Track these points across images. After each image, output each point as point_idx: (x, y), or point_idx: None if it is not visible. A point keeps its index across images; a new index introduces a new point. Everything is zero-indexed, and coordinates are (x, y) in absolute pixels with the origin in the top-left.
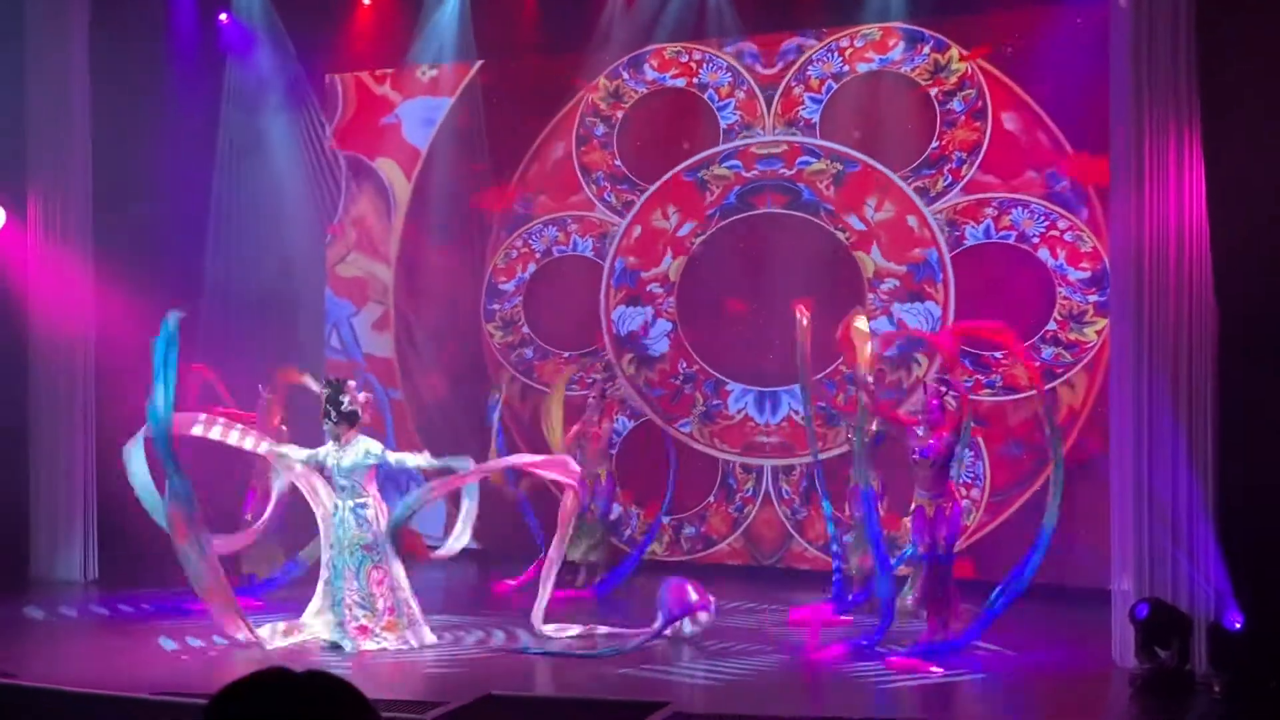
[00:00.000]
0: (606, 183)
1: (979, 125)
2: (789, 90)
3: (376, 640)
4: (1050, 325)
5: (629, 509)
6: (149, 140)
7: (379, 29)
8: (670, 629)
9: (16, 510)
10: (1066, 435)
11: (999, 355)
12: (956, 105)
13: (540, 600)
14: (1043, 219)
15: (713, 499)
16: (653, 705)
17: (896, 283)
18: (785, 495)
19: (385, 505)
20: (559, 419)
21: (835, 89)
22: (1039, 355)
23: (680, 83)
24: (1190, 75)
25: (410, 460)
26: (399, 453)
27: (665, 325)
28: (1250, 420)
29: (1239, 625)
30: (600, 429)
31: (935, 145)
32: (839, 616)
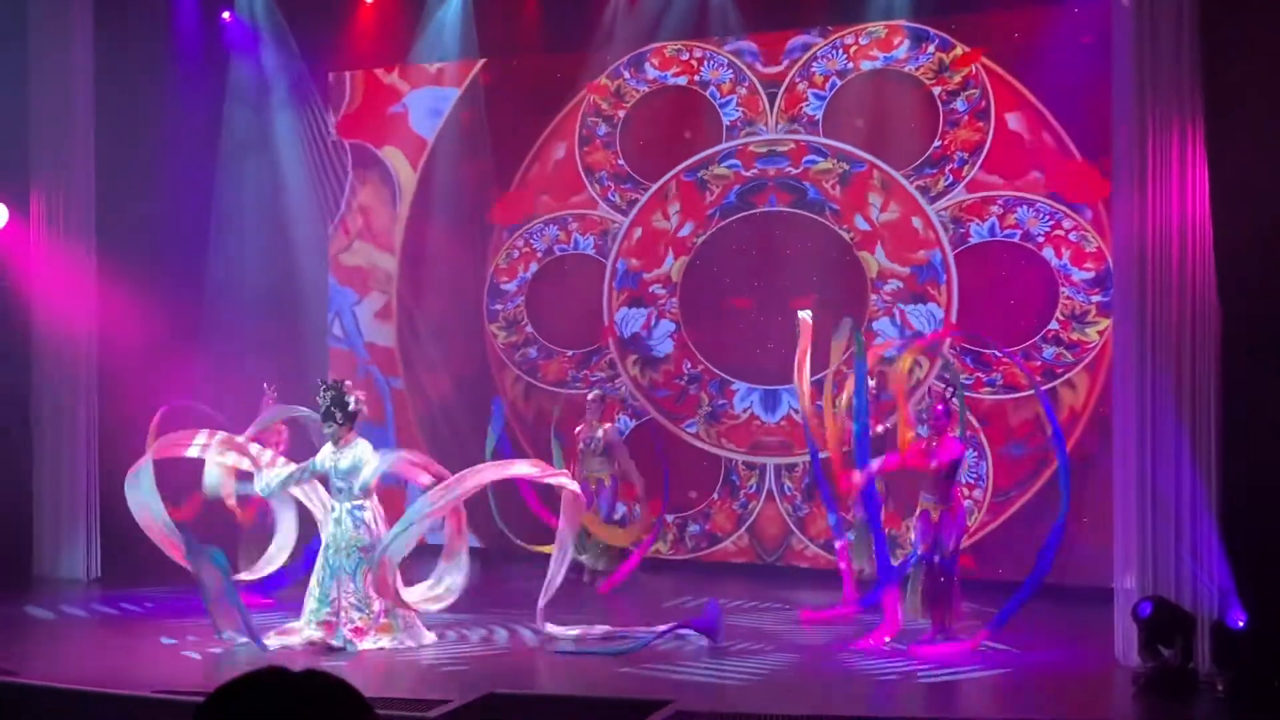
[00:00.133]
0: (610, 182)
1: (982, 125)
2: (793, 86)
3: (374, 640)
4: (1052, 325)
5: (633, 508)
6: (152, 138)
7: (381, 27)
8: (679, 633)
9: (20, 508)
10: (1068, 436)
11: (1000, 354)
12: (960, 105)
13: (543, 598)
14: (1048, 218)
15: (716, 496)
16: (655, 704)
17: (900, 284)
18: (788, 492)
19: (383, 509)
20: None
21: (839, 85)
22: (1039, 355)
23: (681, 81)
24: (1193, 74)
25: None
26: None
27: (668, 326)
28: (1253, 419)
29: (1242, 624)
30: (601, 430)
31: (937, 145)
32: (851, 616)
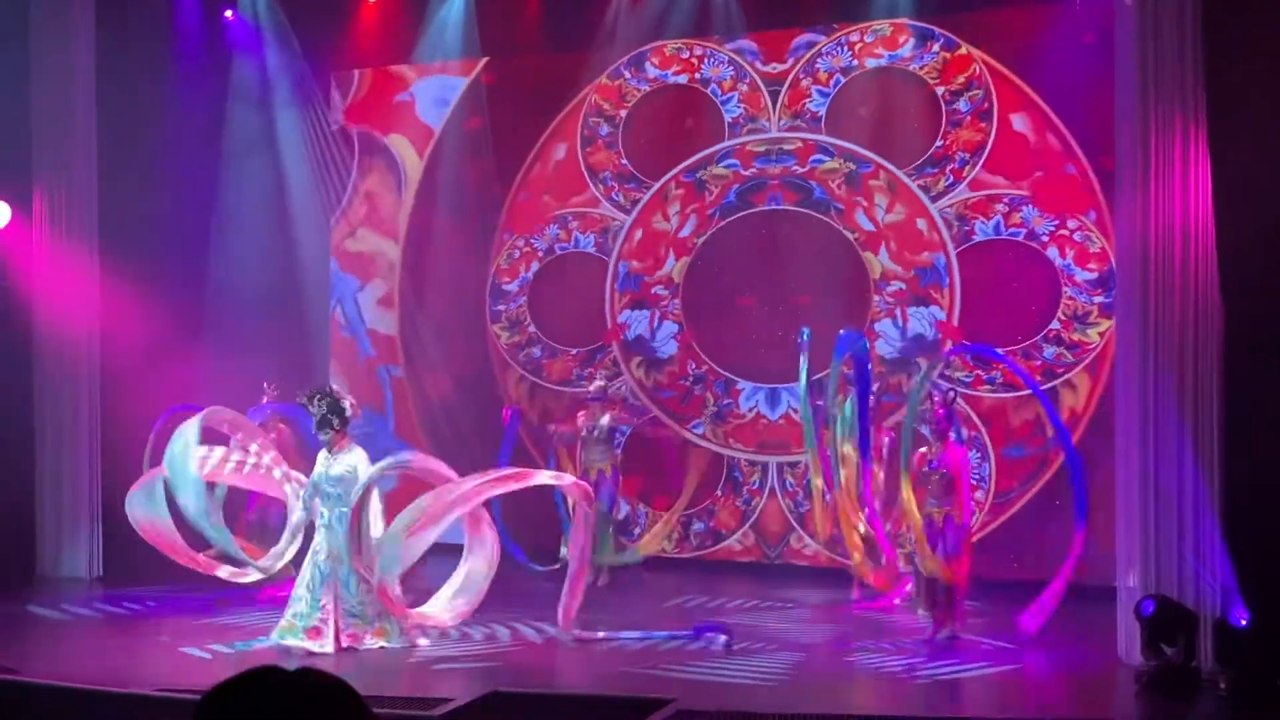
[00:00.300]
0: (614, 182)
1: (984, 126)
2: (797, 82)
3: (371, 643)
4: (1054, 325)
5: (637, 507)
6: (153, 137)
7: (383, 26)
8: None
9: (22, 507)
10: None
11: (999, 352)
12: (963, 105)
13: (566, 608)
14: (1052, 217)
15: (720, 492)
16: (657, 702)
17: (903, 285)
18: (789, 488)
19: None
20: None
21: (843, 83)
22: (1040, 354)
23: (682, 79)
24: (1196, 73)
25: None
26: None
27: (672, 327)
28: (1256, 417)
29: (1245, 622)
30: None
31: (939, 144)
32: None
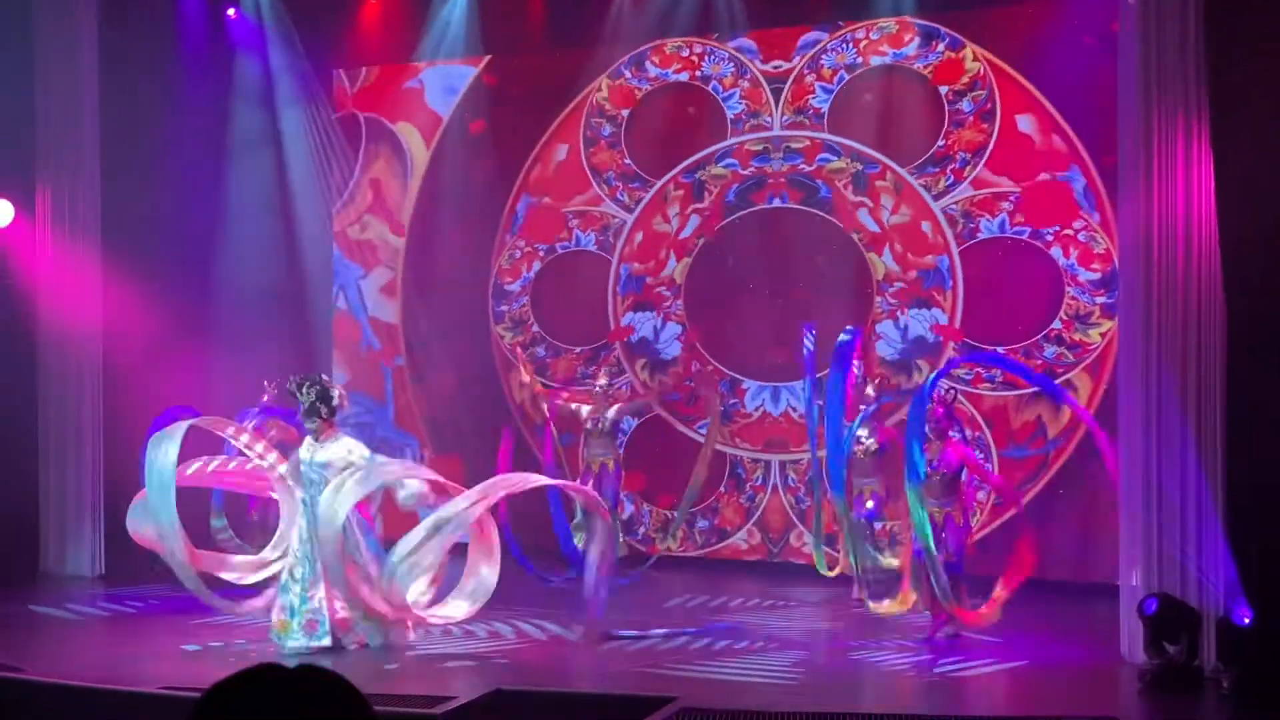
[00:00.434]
0: (618, 181)
1: (986, 127)
2: (800, 78)
3: (360, 632)
4: (1055, 324)
5: (641, 506)
6: (157, 135)
7: (386, 25)
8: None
9: (25, 505)
10: (1069, 437)
11: (1000, 350)
12: (965, 105)
13: (592, 609)
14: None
15: (723, 489)
16: (660, 700)
17: (904, 286)
18: (791, 483)
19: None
20: None
21: (847, 80)
22: (1040, 353)
23: (684, 77)
24: (1199, 70)
25: (392, 476)
26: (387, 464)
27: (675, 328)
28: (1257, 416)
29: (1248, 620)
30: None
31: (941, 144)
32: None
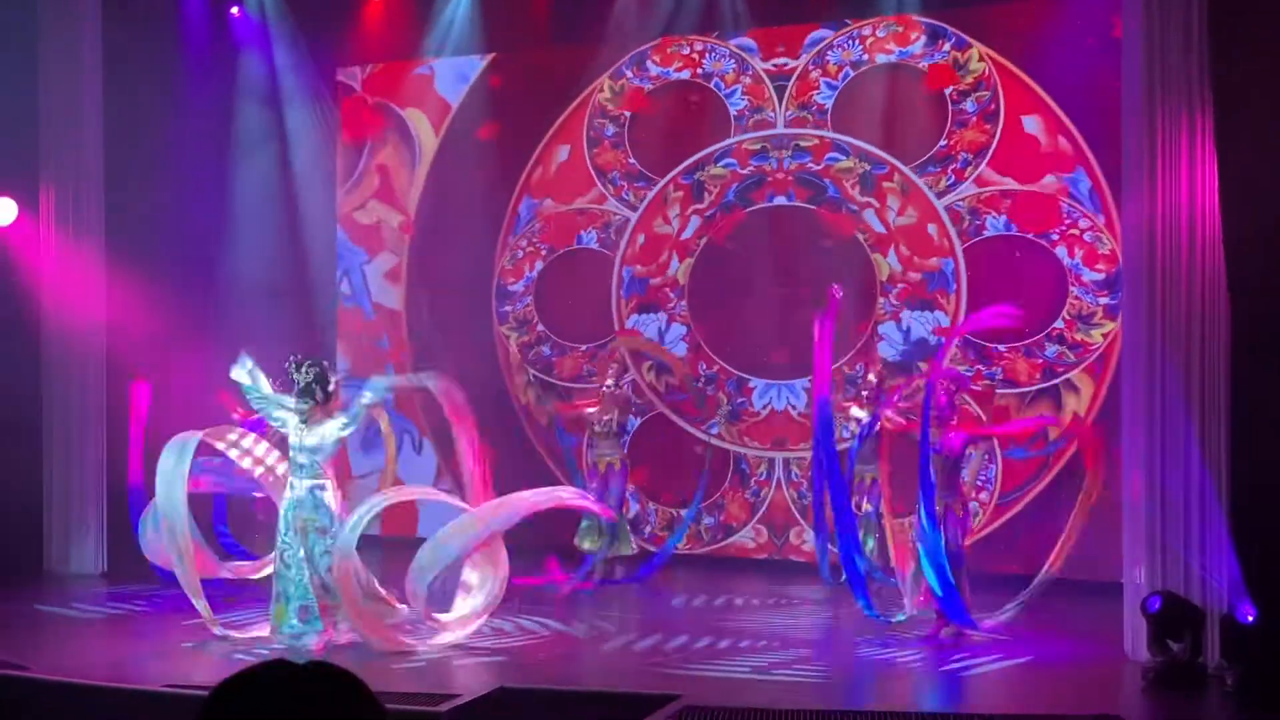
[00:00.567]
0: (623, 181)
1: (989, 128)
2: (805, 74)
3: (344, 626)
4: (1058, 324)
5: (646, 505)
6: (160, 133)
7: (389, 23)
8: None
9: (29, 503)
10: (1068, 439)
11: (1001, 348)
12: (969, 106)
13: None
14: (1064, 216)
15: (728, 484)
16: (663, 698)
17: (906, 286)
18: (794, 478)
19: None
20: None
21: (851, 76)
22: (1042, 352)
23: (685, 75)
24: (1202, 69)
25: (366, 396)
26: (354, 405)
27: (680, 329)
28: (1259, 416)
29: (1251, 618)
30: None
31: (943, 144)
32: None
